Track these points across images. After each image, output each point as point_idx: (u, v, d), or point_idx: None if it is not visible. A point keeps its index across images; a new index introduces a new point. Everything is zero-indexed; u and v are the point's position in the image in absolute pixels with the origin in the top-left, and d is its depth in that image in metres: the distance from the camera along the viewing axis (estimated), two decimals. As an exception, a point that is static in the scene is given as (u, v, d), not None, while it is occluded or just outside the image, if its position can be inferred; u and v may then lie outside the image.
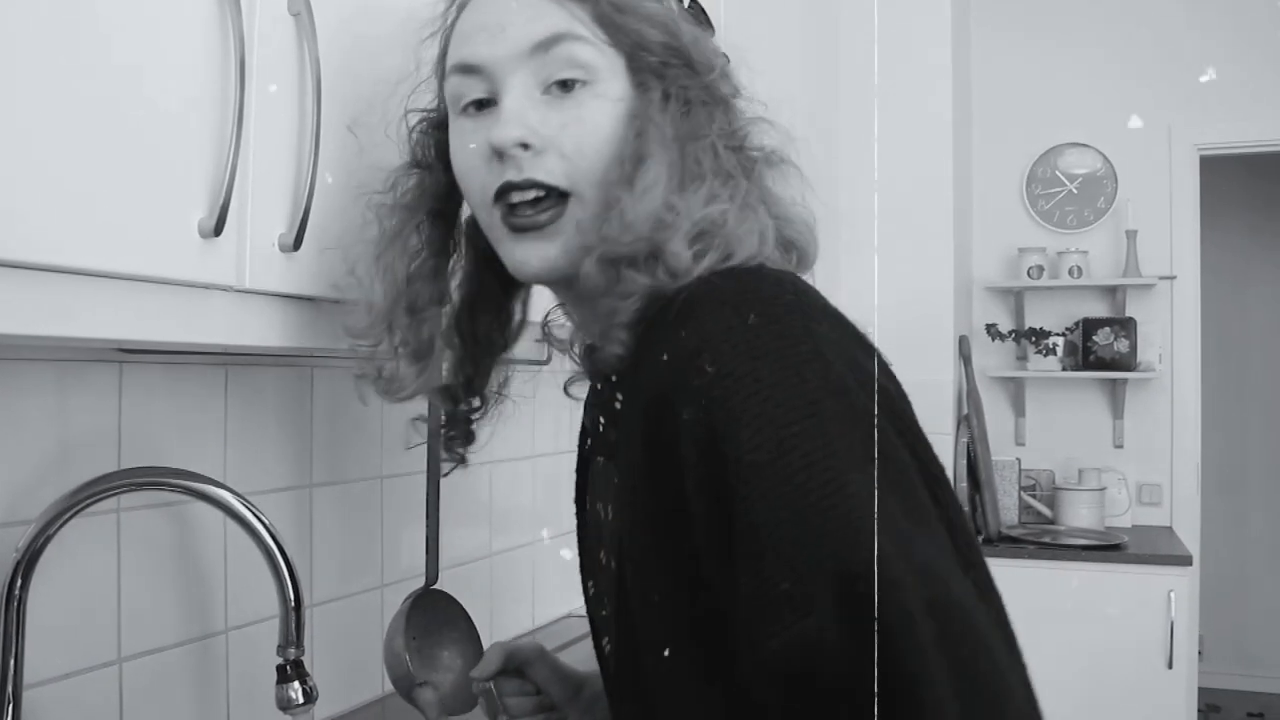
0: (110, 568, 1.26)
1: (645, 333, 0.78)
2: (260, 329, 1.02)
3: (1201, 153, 4.29)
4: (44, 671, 1.16)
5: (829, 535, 0.62)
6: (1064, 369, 4.22)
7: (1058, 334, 4.24)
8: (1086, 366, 4.18)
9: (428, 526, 1.36)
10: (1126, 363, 4.13)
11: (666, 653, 0.73)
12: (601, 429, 0.94)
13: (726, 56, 0.92)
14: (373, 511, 1.71)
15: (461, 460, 1.13)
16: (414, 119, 1.01)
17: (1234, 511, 5.60)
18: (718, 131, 0.86)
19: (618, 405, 0.84)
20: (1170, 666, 3.45)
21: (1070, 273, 4.22)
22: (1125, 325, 4.15)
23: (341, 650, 1.63)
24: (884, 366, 0.74)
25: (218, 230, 0.91)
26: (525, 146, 0.84)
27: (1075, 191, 4.37)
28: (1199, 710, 4.11)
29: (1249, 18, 4.19)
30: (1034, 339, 4.22)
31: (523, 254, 0.88)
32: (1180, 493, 4.26)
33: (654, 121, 0.84)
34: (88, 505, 1.09)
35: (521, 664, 1.13)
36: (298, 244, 1.00)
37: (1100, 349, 4.14)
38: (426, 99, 1.01)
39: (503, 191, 0.86)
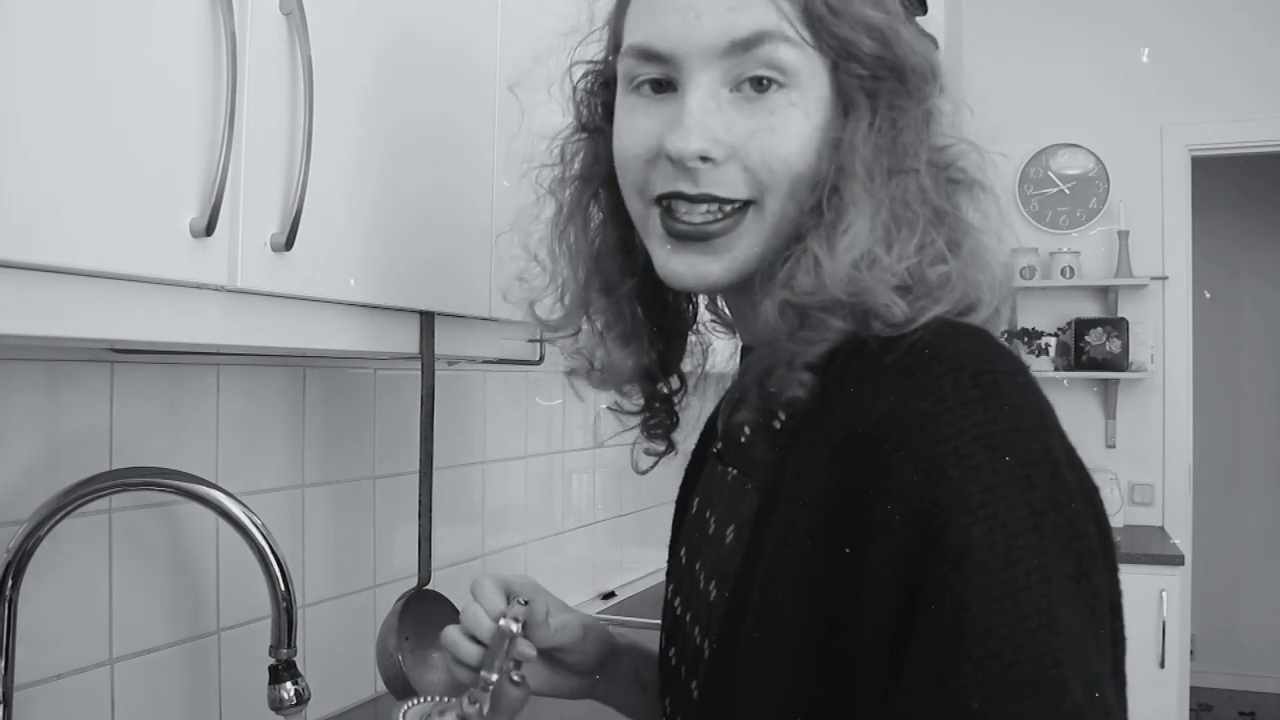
0: (102, 568, 1.26)
1: (844, 367, 0.70)
2: (252, 329, 1.02)
3: (1193, 153, 4.30)
4: (35, 672, 1.16)
5: (1035, 673, 0.58)
6: (1056, 369, 4.23)
7: (1050, 334, 4.25)
8: (1079, 366, 4.19)
9: (420, 527, 1.36)
10: (1119, 363, 4.14)
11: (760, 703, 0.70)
12: (745, 439, 0.82)
13: (935, 40, 0.81)
14: (365, 512, 1.71)
15: (672, 448, 0.97)
16: (578, 73, 0.89)
17: (1226, 511, 5.61)
18: (928, 159, 0.75)
19: (778, 424, 0.76)
20: (1162, 666, 3.46)
21: (1063, 273, 4.23)
22: (1117, 325, 4.16)
23: (334, 651, 1.63)
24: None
25: (209, 230, 0.91)
26: (705, 159, 0.74)
27: (1067, 192, 4.38)
28: (1190, 709, 4.12)
29: (1240, 19, 4.21)
30: (1026, 339, 4.23)
31: (679, 265, 0.77)
32: (1172, 492, 4.28)
33: (858, 152, 0.73)
34: (79, 505, 1.08)
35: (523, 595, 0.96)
36: (289, 244, 1.00)
37: (1092, 349, 4.15)
38: (593, 49, 0.88)
39: (668, 196, 0.76)
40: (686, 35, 0.74)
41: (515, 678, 0.88)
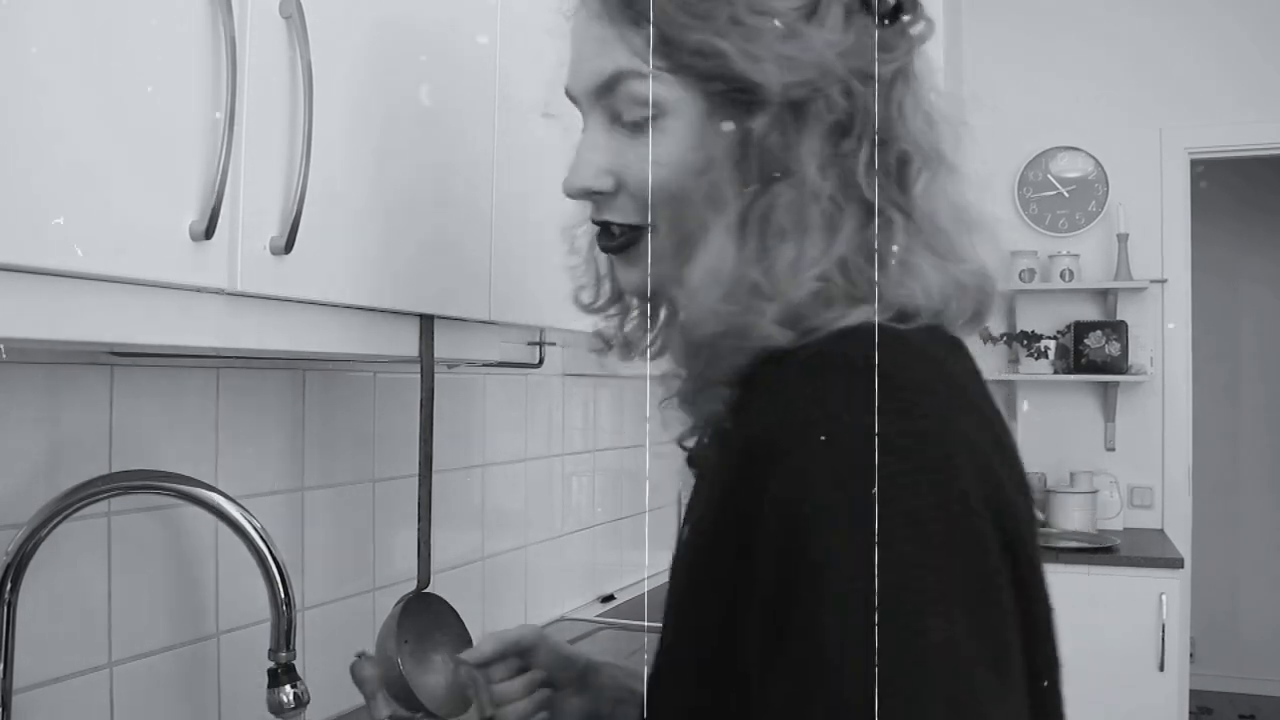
0: (101, 571, 1.26)
1: (758, 372, 0.71)
2: (251, 332, 1.02)
3: (1192, 156, 4.30)
4: (34, 676, 1.16)
5: (893, 681, 0.57)
6: (1056, 372, 4.23)
7: (1049, 337, 4.25)
8: (1078, 369, 4.19)
9: (419, 529, 1.36)
10: (1118, 365, 4.14)
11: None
12: (706, 440, 0.84)
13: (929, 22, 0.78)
14: (365, 514, 1.71)
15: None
16: None
17: (1226, 514, 5.61)
18: (827, 158, 0.73)
19: (728, 426, 0.77)
20: (1161, 669, 3.46)
21: (1062, 276, 4.23)
22: (1117, 328, 4.16)
23: (333, 654, 1.63)
24: (1021, 476, 0.69)
25: (209, 233, 0.91)
26: (594, 192, 0.81)
27: (1067, 195, 4.38)
28: (1190, 712, 4.12)
29: (1238, 25, 4.21)
30: (1026, 342, 4.23)
31: (615, 270, 0.87)
32: (1171, 495, 4.28)
33: (719, 166, 0.74)
34: (79, 509, 1.08)
35: (523, 652, 1.05)
36: (289, 247, 1.00)
37: (1092, 352, 4.15)
38: None
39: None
40: (574, 80, 0.82)
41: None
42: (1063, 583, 3.27)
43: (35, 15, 0.77)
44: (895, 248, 0.73)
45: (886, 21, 0.75)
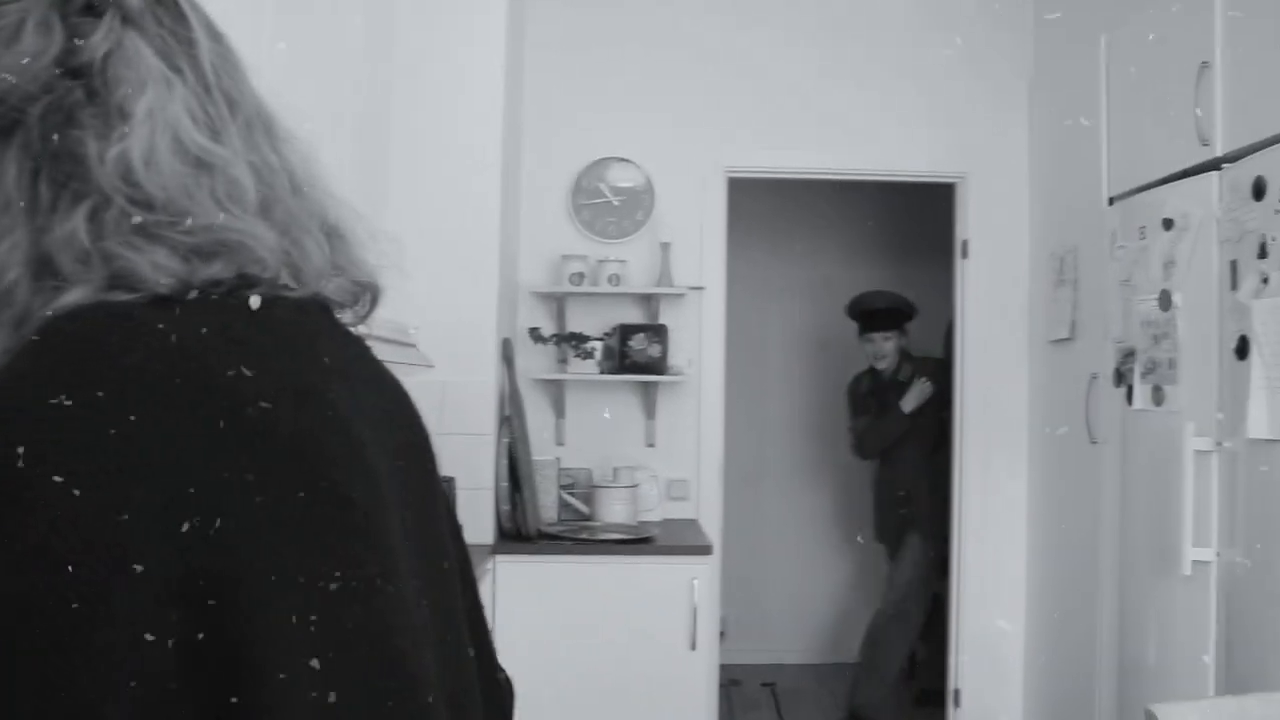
0: None
1: None
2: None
3: (730, 174, 4.67)
4: None
5: None
6: (602, 372, 4.42)
7: (597, 338, 4.43)
8: (623, 370, 4.41)
9: None
10: (659, 367, 4.40)
11: None
12: None
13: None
14: None
15: None
16: None
17: (753, 503, 6.13)
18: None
19: None
20: (693, 648, 3.70)
21: (609, 280, 4.43)
22: (659, 331, 4.42)
23: None
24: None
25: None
26: None
27: (616, 204, 4.59)
28: (721, 685, 4.46)
29: (775, 60, 4.66)
30: (574, 343, 4.39)
31: None
32: (705, 487, 4.61)
33: None
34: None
35: None
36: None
37: (635, 353, 4.38)
38: None
39: None
40: None
41: None
42: (607, 574, 3.42)
43: None
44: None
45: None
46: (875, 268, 6.12)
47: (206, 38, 0.73)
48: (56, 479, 0.54)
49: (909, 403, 4.98)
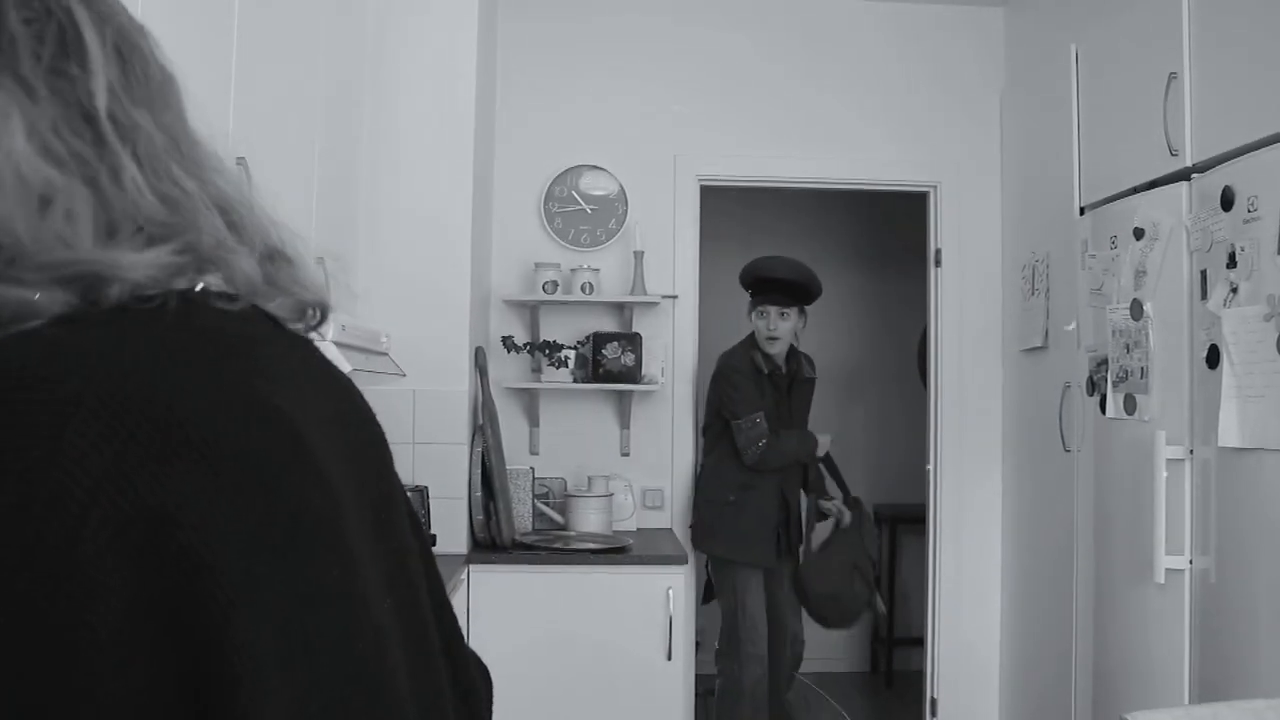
0: None
1: None
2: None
3: (702, 183, 4.67)
4: None
5: None
6: (575, 381, 4.41)
7: (570, 347, 4.42)
8: (596, 379, 4.40)
9: None
10: (632, 375, 4.39)
11: None
12: None
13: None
14: None
15: None
16: None
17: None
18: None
19: None
20: (669, 658, 3.69)
21: (583, 289, 4.41)
22: (632, 340, 4.41)
23: None
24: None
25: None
26: None
27: (589, 212, 4.59)
28: (697, 694, 4.44)
29: (744, 71, 4.67)
30: (548, 351, 4.38)
31: None
32: (679, 496, 4.60)
33: None
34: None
35: None
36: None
37: (609, 362, 4.37)
38: None
39: None
40: None
41: None
42: (582, 584, 3.39)
43: None
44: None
45: None
46: (848, 276, 6.14)
47: (107, 68, 0.68)
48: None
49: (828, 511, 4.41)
